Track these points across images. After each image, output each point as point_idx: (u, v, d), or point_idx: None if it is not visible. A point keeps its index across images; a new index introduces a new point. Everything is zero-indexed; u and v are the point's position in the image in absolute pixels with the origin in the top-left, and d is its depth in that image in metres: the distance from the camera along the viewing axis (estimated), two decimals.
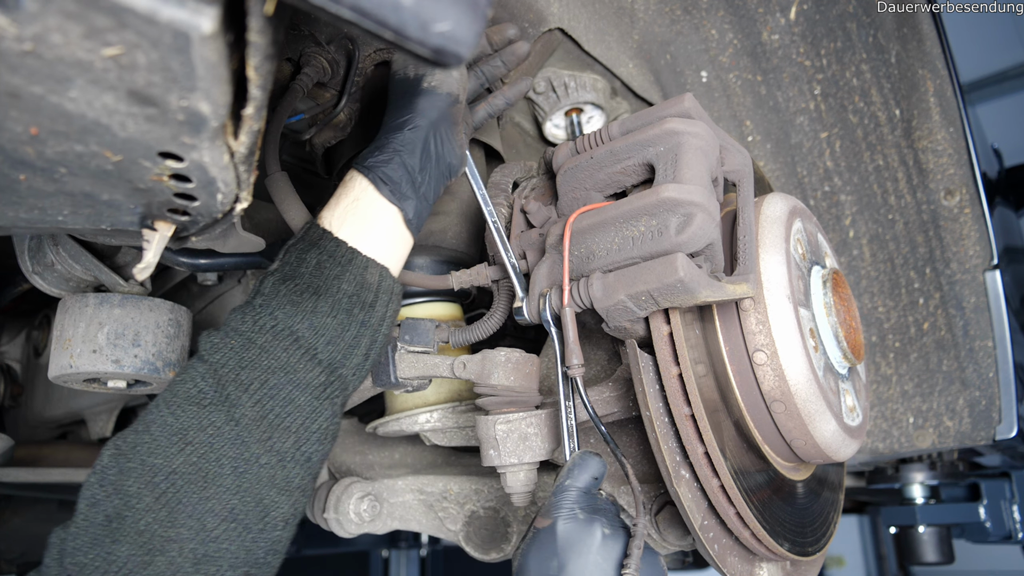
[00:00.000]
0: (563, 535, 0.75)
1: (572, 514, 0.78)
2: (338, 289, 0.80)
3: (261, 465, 0.73)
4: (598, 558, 0.74)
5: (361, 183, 0.85)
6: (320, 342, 0.78)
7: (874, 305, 1.78)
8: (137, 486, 0.69)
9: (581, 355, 0.89)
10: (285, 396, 0.75)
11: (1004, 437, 1.64)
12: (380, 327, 0.83)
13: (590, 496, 0.82)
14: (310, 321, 0.77)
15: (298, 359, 0.76)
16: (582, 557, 0.74)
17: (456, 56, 0.51)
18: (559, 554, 0.74)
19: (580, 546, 0.74)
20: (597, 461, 0.85)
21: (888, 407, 1.80)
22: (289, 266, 0.81)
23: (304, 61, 1.09)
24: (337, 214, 0.84)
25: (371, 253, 0.83)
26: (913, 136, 1.62)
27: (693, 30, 1.59)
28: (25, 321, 1.91)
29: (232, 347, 0.76)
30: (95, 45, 0.47)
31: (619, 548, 0.76)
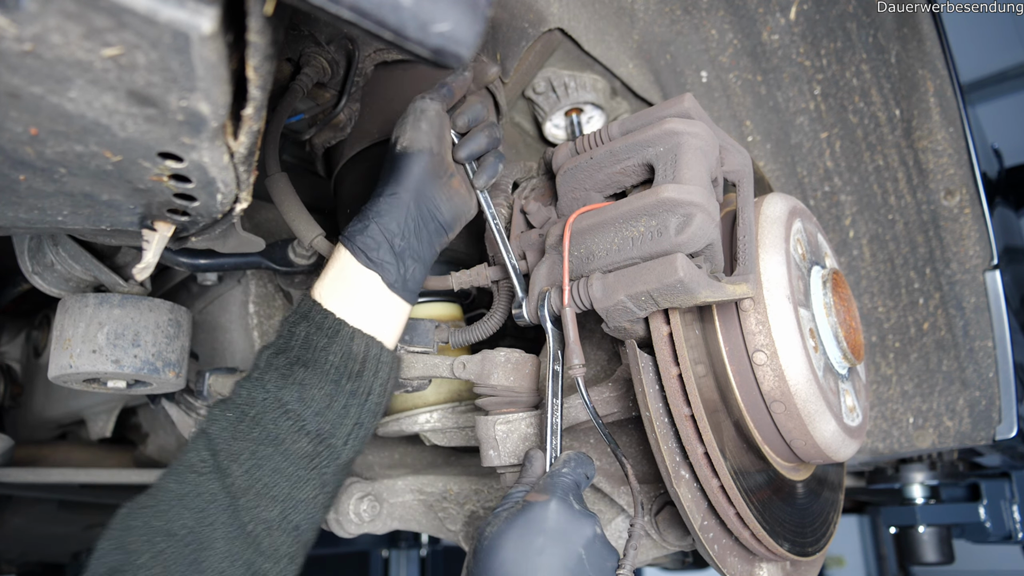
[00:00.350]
0: (555, 517, 0.74)
1: (567, 500, 0.76)
2: (325, 360, 0.82)
3: (248, 533, 0.75)
4: (583, 553, 0.72)
5: (343, 253, 0.86)
6: (308, 412, 0.80)
7: (874, 305, 1.78)
8: (138, 544, 0.73)
9: (582, 355, 0.89)
10: (273, 466, 0.78)
11: (1004, 437, 1.64)
12: (369, 396, 0.84)
13: (580, 493, 0.81)
14: (299, 392, 0.80)
15: (286, 430, 0.79)
16: (569, 547, 0.72)
17: (456, 56, 0.51)
18: (546, 534, 0.72)
19: (571, 535, 0.73)
20: (592, 465, 0.85)
21: (888, 407, 1.80)
22: (283, 339, 0.84)
23: (304, 61, 1.09)
24: (325, 285, 0.86)
25: (358, 322, 0.84)
26: (913, 136, 1.62)
27: (693, 30, 1.59)
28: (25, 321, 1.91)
29: (228, 419, 0.80)
30: (95, 45, 0.47)
31: (610, 559, 0.74)
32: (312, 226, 1.06)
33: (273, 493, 0.77)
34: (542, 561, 0.70)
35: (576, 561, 0.71)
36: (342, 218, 1.29)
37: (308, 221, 1.05)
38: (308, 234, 1.05)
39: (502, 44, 1.32)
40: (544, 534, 0.72)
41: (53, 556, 2.89)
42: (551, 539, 0.72)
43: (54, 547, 2.74)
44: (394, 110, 1.18)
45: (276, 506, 0.77)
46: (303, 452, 0.79)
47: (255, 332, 1.45)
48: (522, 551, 0.71)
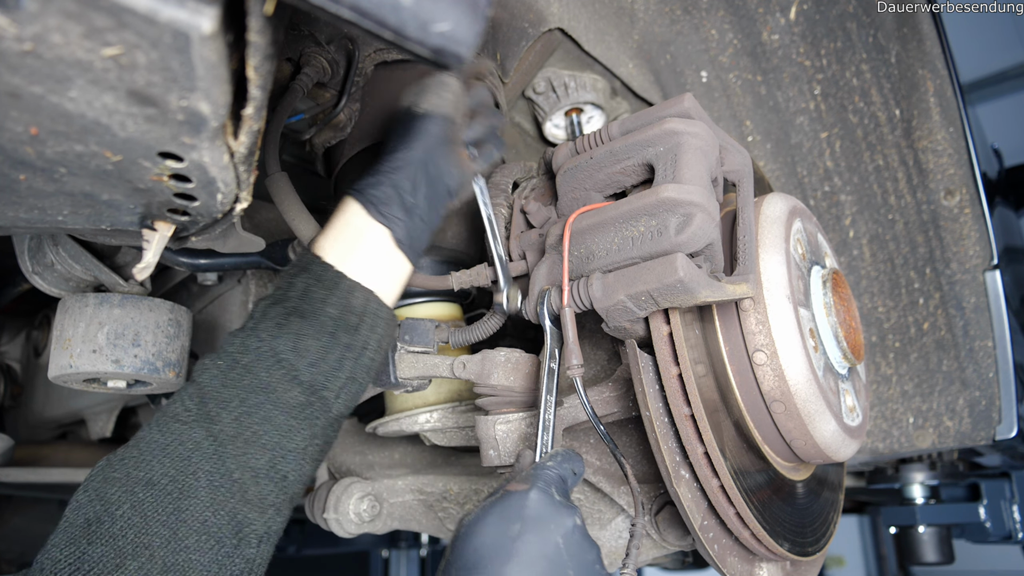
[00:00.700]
0: (534, 505, 0.73)
1: (548, 491, 0.75)
2: (323, 312, 0.81)
3: (234, 480, 0.74)
4: (561, 542, 0.70)
5: (352, 206, 0.86)
6: (302, 363, 0.79)
7: (874, 305, 1.78)
8: (118, 494, 0.71)
9: (580, 355, 0.89)
10: (263, 414, 0.76)
11: (1004, 437, 1.64)
12: (364, 350, 0.84)
13: (565, 487, 0.80)
14: (294, 343, 0.79)
15: (278, 379, 0.78)
16: (546, 535, 0.70)
17: (456, 56, 0.51)
18: (524, 520, 0.71)
19: (549, 523, 0.71)
20: (580, 462, 0.84)
21: (888, 407, 1.80)
22: (280, 290, 0.83)
23: (304, 61, 1.09)
24: (329, 237, 0.85)
25: (359, 276, 0.84)
26: (913, 136, 1.62)
27: (693, 30, 1.59)
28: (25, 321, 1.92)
29: (219, 367, 0.78)
30: (95, 45, 0.47)
31: (590, 552, 0.72)
32: (312, 226, 1.06)
33: (262, 441, 0.76)
34: (518, 547, 0.69)
35: (554, 550, 0.69)
36: None
37: (308, 221, 1.05)
38: (308, 234, 1.05)
39: (502, 44, 1.32)
40: (522, 521, 0.71)
41: None
42: (529, 526, 0.70)
43: None
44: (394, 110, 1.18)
45: (265, 454, 0.76)
46: (295, 402, 0.78)
47: None
48: (499, 536, 0.70)
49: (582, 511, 1.12)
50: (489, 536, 0.70)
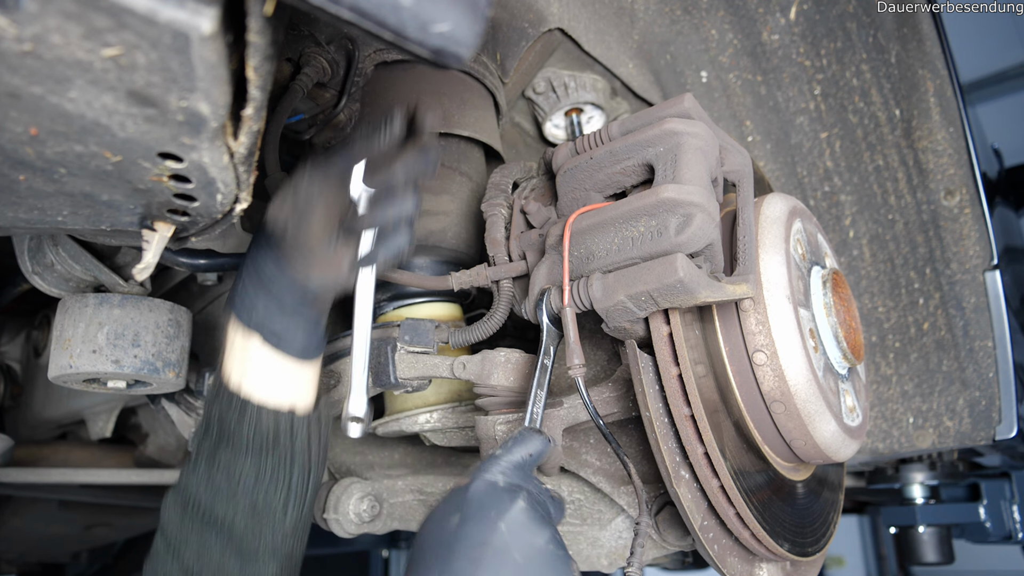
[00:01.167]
0: (474, 494, 0.71)
1: (491, 479, 0.73)
2: (241, 436, 0.85)
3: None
4: (503, 527, 0.67)
5: (230, 318, 0.87)
6: (240, 490, 0.85)
7: (874, 305, 1.78)
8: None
9: (582, 355, 0.89)
10: (220, 547, 0.84)
11: (1004, 437, 1.64)
12: (293, 461, 0.88)
13: (520, 471, 0.77)
14: (226, 473, 0.85)
15: (223, 512, 0.84)
16: (486, 522, 0.68)
17: (456, 56, 0.51)
18: (462, 510, 0.69)
19: (489, 509, 0.69)
20: (539, 440, 0.81)
21: (888, 407, 1.80)
22: (204, 420, 0.89)
23: (304, 61, 1.09)
24: (228, 357, 0.87)
25: (261, 394, 0.85)
26: (913, 136, 1.62)
27: (693, 30, 1.59)
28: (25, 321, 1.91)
29: (175, 507, 0.86)
30: (95, 45, 0.47)
31: (540, 535, 0.69)
32: None
33: (227, 570, 0.83)
34: (458, 536, 0.67)
35: (496, 535, 0.67)
36: None
37: None
38: None
39: (502, 44, 1.32)
40: (460, 511, 0.70)
41: (53, 556, 2.89)
42: (467, 515, 0.69)
43: (54, 547, 2.74)
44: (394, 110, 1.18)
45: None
46: (243, 527, 0.84)
47: None
48: (440, 530, 0.70)
49: (582, 511, 1.13)
50: (431, 532, 0.70)
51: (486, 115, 1.31)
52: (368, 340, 0.92)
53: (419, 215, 0.87)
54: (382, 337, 1.10)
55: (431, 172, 0.82)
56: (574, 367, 0.88)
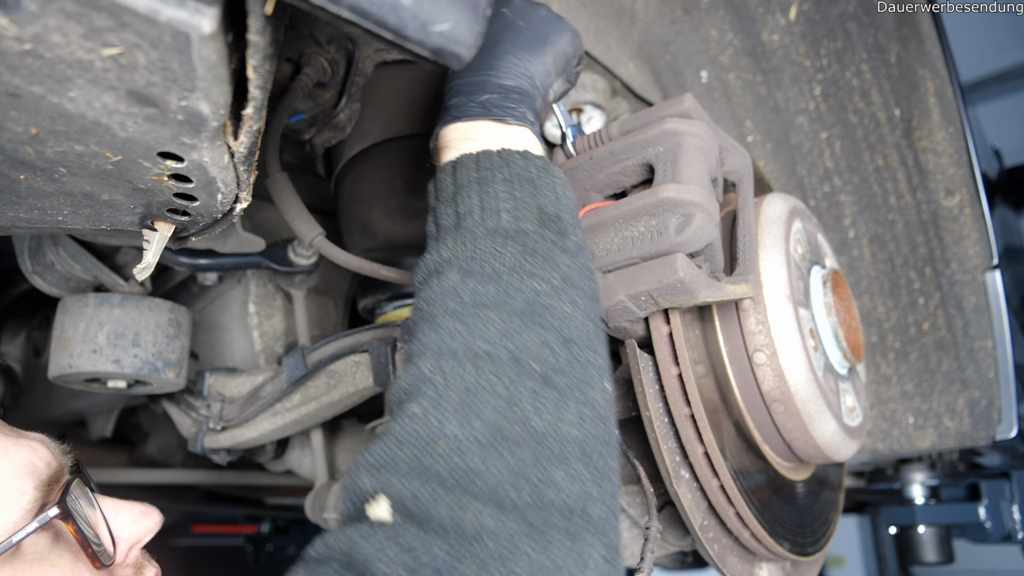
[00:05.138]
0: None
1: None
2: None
3: None
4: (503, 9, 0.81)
5: None
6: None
7: (874, 305, 1.78)
8: None
9: None
10: None
11: (1004, 437, 1.64)
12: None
13: None
14: None
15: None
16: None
17: (456, 56, 0.51)
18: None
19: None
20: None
21: (888, 407, 1.80)
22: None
23: (304, 61, 1.09)
24: None
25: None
26: (913, 136, 1.62)
27: (693, 30, 1.59)
28: (25, 321, 1.91)
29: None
30: (95, 45, 0.47)
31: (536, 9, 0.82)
32: (312, 226, 1.06)
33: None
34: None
35: (501, 16, 0.83)
36: (343, 219, 1.29)
37: (308, 221, 1.05)
38: (308, 234, 1.05)
39: None
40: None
41: None
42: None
43: None
44: (394, 110, 1.18)
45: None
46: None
47: (255, 332, 1.45)
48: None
49: None
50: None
51: None
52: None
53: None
54: (382, 337, 1.10)
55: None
56: None
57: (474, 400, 0.58)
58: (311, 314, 1.49)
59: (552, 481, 0.56)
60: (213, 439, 1.34)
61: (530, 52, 0.81)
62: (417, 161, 1.19)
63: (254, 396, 1.29)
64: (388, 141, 1.19)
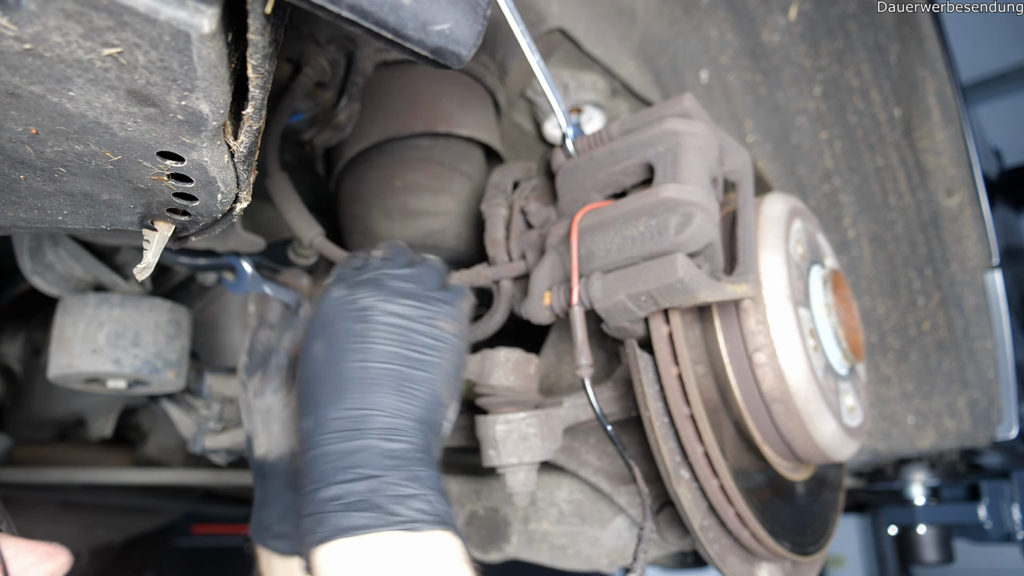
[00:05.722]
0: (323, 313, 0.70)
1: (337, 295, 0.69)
2: None
3: None
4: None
5: None
6: None
7: (874, 305, 1.78)
8: None
9: (590, 355, 0.89)
10: None
11: (1004, 437, 1.64)
12: None
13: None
14: None
15: None
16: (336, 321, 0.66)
17: (456, 56, 0.51)
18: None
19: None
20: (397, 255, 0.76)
21: (888, 407, 1.80)
22: None
23: (304, 61, 1.09)
24: None
25: None
26: (913, 136, 1.62)
27: (693, 30, 1.59)
28: (25, 321, 1.91)
29: None
30: (95, 45, 0.47)
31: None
32: (312, 225, 1.06)
33: None
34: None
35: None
36: (342, 219, 1.29)
37: (308, 221, 1.05)
38: (308, 233, 1.05)
39: (502, 44, 1.32)
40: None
41: None
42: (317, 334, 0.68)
43: None
44: (394, 110, 1.18)
45: None
46: None
47: None
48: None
49: (582, 511, 1.13)
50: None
51: (486, 115, 1.31)
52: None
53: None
54: None
55: None
56: (582, 367, 0.88)
57: None
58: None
59: None
60: (213, 439, 1.34)
61: (436, 394, 0.66)
62: (417, 161, 1.19)
63: None
64: (388, 141, 1.19)
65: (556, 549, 1.17)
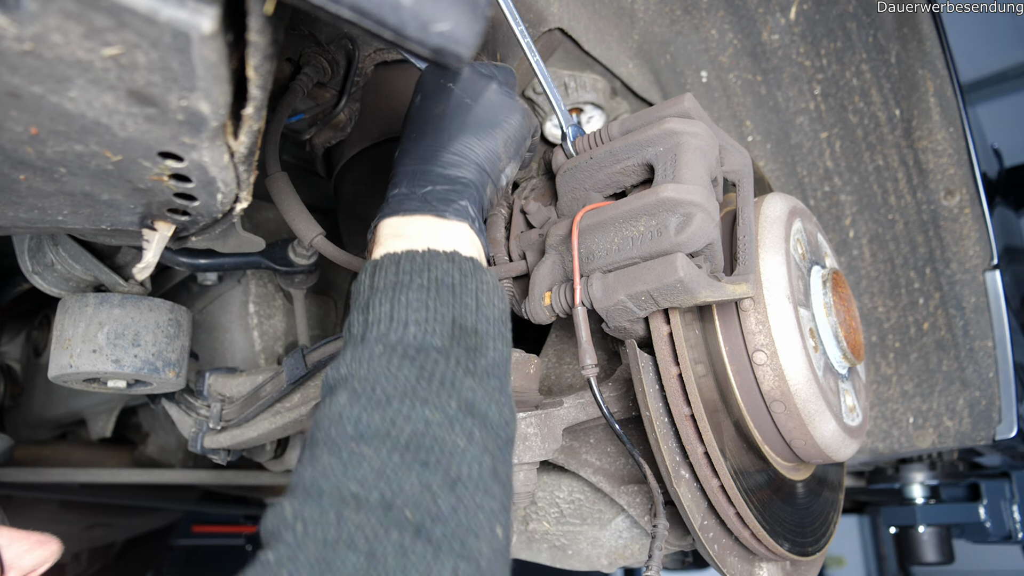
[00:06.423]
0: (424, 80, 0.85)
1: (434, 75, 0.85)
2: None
3: None
4: (453, 87, 0.81)
5: None
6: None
7: (874, 305, 1.78)
8: None
9: (595, 355, 0.89)
10: None
11: (1004, 437, 1.64)
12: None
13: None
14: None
15: None
16: (438, 93, 0.81)
17: (456, 56, 0.51)
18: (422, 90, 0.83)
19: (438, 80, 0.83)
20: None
21: (888, 407, 1.80)
22: None
23: (304, 61, 1.09)
24: None
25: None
26: (913, 136, 1.62)
27: (693, 30, 1.59)
28: (25, 321, 1.91)
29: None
30: (95, 45, 0.47)
31: (487, 84, 0.83)
32: (312, 225, 1.06)
33: None
34: (420, 110, 0.83)
35: (451, 95, 0.82)
36: (342, 219, 1.29)
37: (308, 221, 1.05)
38: (308, 234, 1.05)
39: (502, 44, 1.32)
40: (419, 91, 0.86)
41: None
42: (425, 94, 0.85)
43: None
44: (394, 110, 1.18)
45: None
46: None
47: (255, 332, 1.45)
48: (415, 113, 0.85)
49: (582, 511, 1.13)
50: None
51: None
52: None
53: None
54: None
55: None
56: (587, 367, 0.88)
57: (330, 555, 0.52)
58: (311, 314, 1.49)
59: None
60: (213, 439, 1.34)
61: (479, 137, 0.81)
62: None
63: (254, 396, 1.29)
64: (388, 141, 1.19)
65: (556, 549, 1.17)
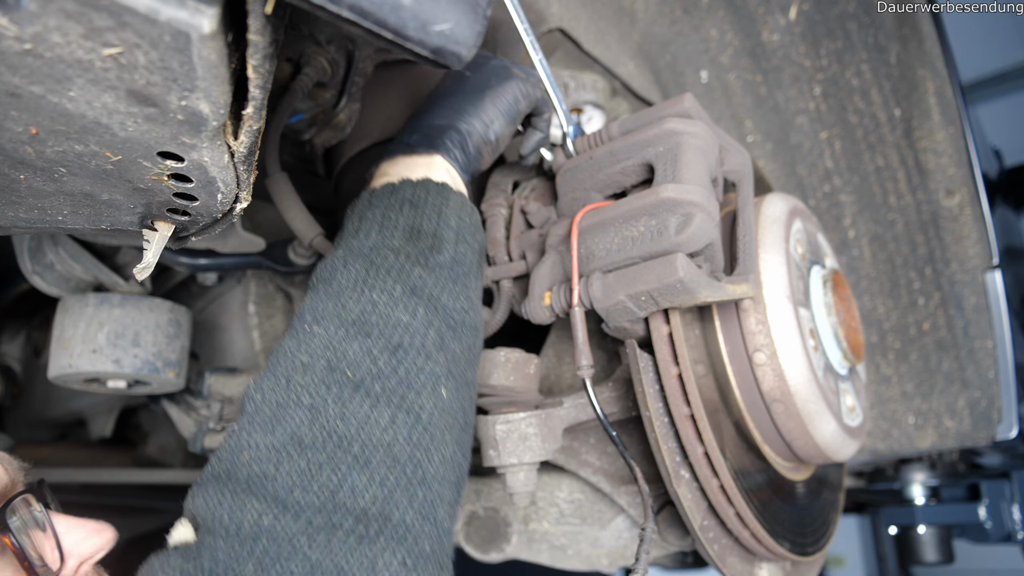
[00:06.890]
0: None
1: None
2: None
3: None
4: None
5: None
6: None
7: (874, 305, 1.78)
8: None
9: (591, 356, 0.89)
10: None
11: (1004, 437, 1.64)
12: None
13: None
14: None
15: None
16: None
17: (456, 56, 0.51)
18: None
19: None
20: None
21: (888, 407, 1.80)
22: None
23: (304, 61, 1.09)
24: None
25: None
26: (913, 136, 1.62)
27: (693, 30, 1.59)
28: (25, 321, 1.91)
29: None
30: (95, 45, 0.47)
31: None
32: (312, 225, 1.06)
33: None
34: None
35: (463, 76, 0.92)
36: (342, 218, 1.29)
37: (308, 221, 1.05)
38: (308, 234, 1.05)
39: (502, 44, 1.32)
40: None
41: None
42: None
43: None
44: (394, 110, 1.18)
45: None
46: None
47: (255, 332, 1.45)
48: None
49: (582, 511, 1.13)
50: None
51: None
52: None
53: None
54: None
55: None
56: (582, 368, 0.88)
57: (282, 412, 0.62)
58: None
59: (348, 484, 0.58)
60: (213, 439, 1.34)
61: (468, 97, 0.89)
62: None
63: None
64: (388, 141, 1.19)
65: (556, 549, 1.17)
